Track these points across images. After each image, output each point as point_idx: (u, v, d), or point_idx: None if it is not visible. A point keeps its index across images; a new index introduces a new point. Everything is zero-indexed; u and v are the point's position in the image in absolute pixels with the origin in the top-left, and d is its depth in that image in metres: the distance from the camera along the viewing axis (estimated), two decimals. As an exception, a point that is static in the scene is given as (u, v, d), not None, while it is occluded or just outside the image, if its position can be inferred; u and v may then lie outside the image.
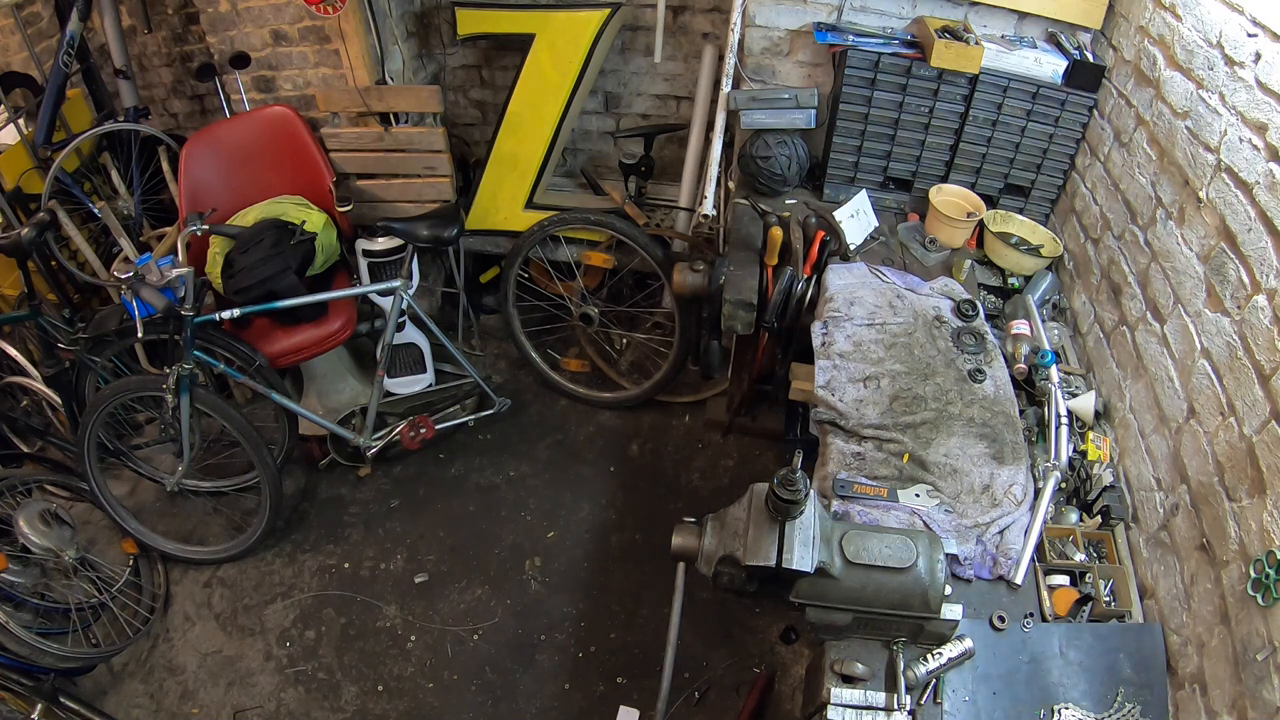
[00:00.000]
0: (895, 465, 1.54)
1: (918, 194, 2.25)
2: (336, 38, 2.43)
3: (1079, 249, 2.00)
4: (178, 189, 2.50)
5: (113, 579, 2.27)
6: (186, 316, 2.05)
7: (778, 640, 2.18)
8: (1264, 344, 1.20)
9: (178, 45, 3.17)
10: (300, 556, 2.47)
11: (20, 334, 2.55)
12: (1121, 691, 1.25)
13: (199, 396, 2.16)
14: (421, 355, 2.65)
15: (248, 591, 2.38)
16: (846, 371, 1.72)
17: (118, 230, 2.22)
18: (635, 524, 2.50)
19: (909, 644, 1.24)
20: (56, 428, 2.54)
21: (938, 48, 1.99)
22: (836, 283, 1.93)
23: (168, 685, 2.17)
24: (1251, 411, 1.20)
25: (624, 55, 2.82)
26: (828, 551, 1.11)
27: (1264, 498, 1.12)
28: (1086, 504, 1.55)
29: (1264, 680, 1.05)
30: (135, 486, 2.62)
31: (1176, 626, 1.29)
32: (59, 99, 2.69)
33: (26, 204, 2.61)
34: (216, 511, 2.58)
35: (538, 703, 2.10)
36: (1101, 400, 1.72)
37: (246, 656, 2.23)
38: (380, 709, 2.10)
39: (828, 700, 1.19)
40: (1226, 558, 1.19)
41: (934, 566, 1.12)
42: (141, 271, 1.99)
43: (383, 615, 2.31)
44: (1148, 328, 1.59)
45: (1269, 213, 1.23)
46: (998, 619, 1.32)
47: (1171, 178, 1.57)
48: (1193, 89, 1.52)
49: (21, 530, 2.06)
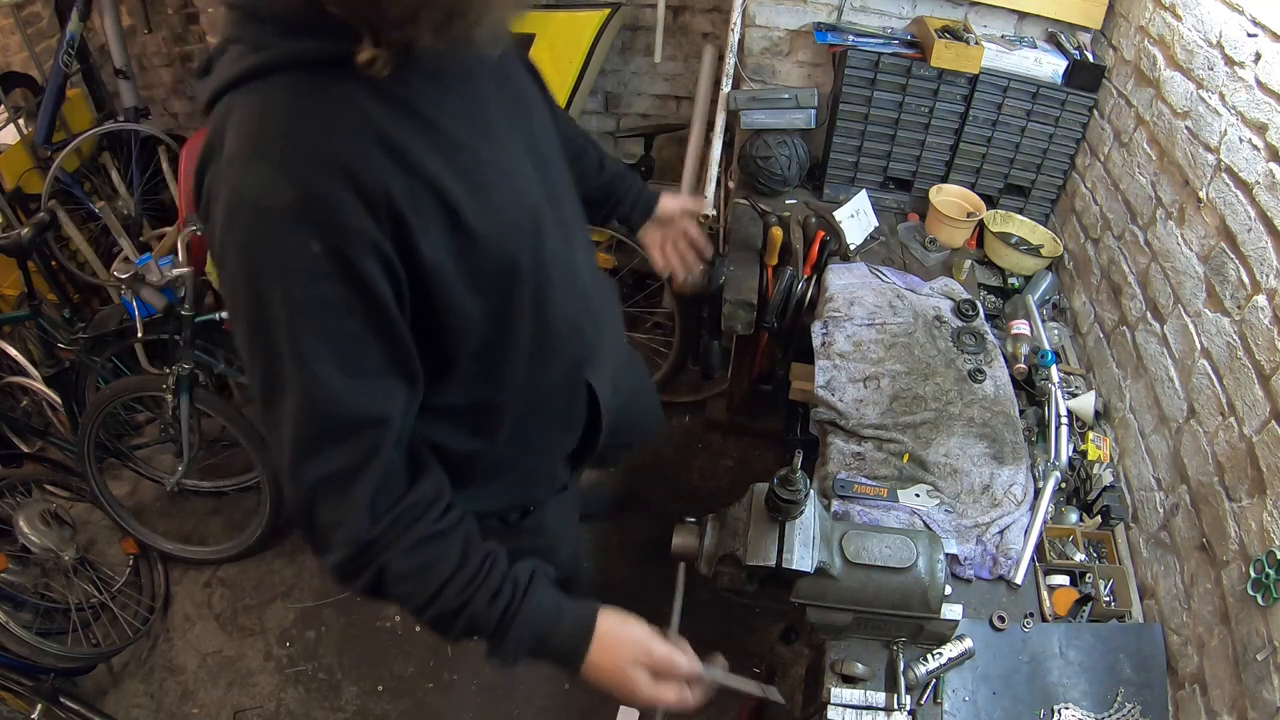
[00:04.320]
0: (895, 465, 1.54)
1: (918, 194, 2.25)
2: (336, 38, 2.43)
3: (1079, 249, 2.00)
4: (178, 189, 2.50)
5: (113, 579, 2.27)
6: (186, 316, 2.05)
7: (778, 640, 2.18)
8: (1264, 344, 1.20)
9: (178, 45, 3.18)
10: (300, 556, 2.47)
11: (20, 334, 2.54)
12: (1121, 691, 1.25)
13: (199, 396, 2.16)
14: (421, 355, 2.65)
15: (248, 591, 2.38)
16: (846, 371, 1.72)
17: (118, 230, 2.22)
18: (635, 524, 2.50)
19: (909, 644, 1.24)
20: (56, 428, 2.54)
21: (938, 48, 1.99)
22: (836, 283, 1.93)
23: (168, 685, 2.17)
24: (1251, 411, 1.20)
25: (624, 55, 2.82)
26: (828, 551, 1.11)
27: (1264, 498, 1.12)
28: (1086, 504, 1.55)
29: (1264, 680, 1.05)
30: (135, 486, 2.62)
31: (1176, 626, 1.29)
32: (59, 99, 2.69)
33: (26, 204, 2.62)
34: (216, 511, 2.58)
35: (538, 703, 2.10)
36: (1101, 400, 1.72)
37: (246, 656, 2.23)
38: (380, 709, 2.10)
39: (828, 700, 1.19)
40: (1226, 558, 1.19)
41: (934, 566, 1.12)
42: (141, 271, 1.98)
43: (383, 615, 2.31)
44: (1148, 328, 1.59)
45: (1269, 213, 1.23)
46: (998, 619, 1.32)
47: (1171, 178, 1.57)
48: (1193, 89, 1.52)
49: (21, 530, 2.06)
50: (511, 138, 0.88)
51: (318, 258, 0.70)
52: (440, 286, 0.78)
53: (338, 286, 0.71)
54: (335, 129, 0.71)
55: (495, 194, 0.82)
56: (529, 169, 0.90)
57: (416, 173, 0.74)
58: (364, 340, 0.75)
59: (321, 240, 0.69)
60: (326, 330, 0.73)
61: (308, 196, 0.69)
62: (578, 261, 1.02)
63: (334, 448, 0.77)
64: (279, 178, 0.69)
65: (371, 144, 0.71)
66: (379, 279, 0.73)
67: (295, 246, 0.70)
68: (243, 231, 0.71)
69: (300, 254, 0.70)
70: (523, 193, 0.88)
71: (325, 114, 0.71)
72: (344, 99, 0.72)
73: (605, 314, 1.15)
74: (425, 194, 0.74)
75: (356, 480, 0.78)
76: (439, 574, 0.84)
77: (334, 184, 0.69)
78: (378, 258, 0.72)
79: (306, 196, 0.69)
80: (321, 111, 0.71)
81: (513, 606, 0.87)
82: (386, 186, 0.71)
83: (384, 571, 0.82)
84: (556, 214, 0.95)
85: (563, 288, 0.96)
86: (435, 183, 0.75)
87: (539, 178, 0.92)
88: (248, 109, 0.72)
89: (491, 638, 0.87)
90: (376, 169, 0.71)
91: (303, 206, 0.69)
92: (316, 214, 0.69)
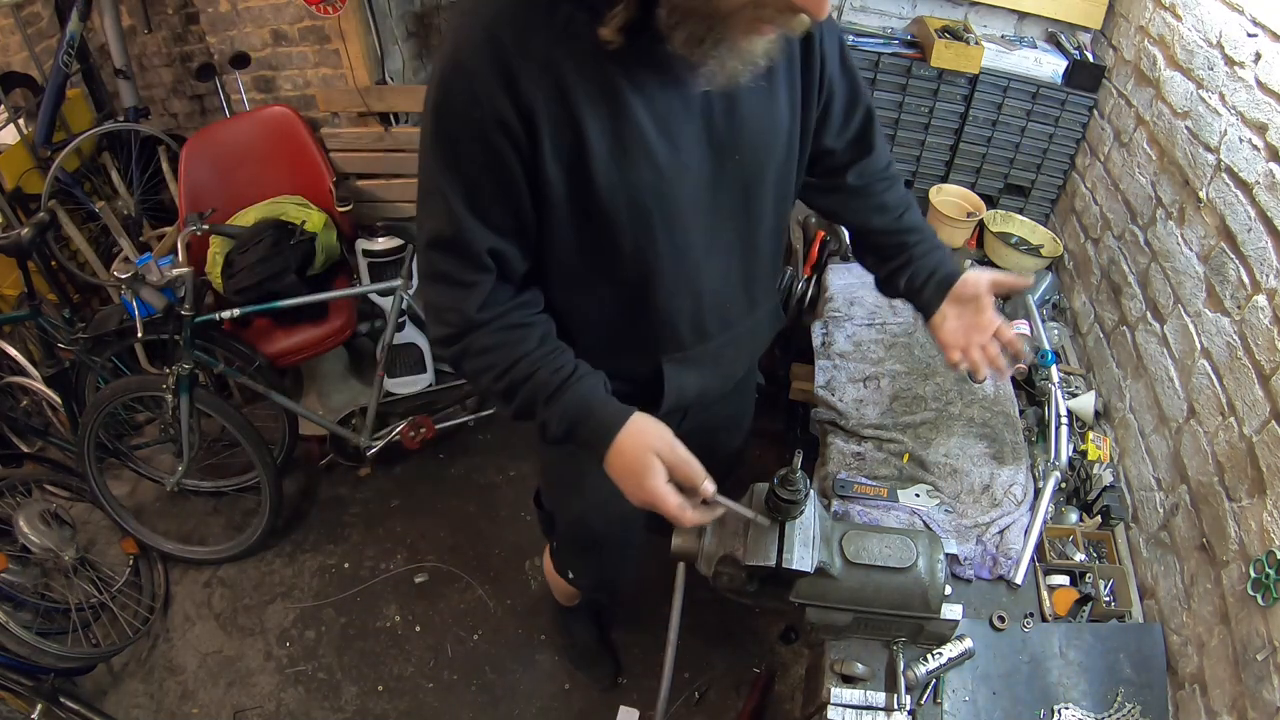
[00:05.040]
0: (895, 465, 1.54)
1: (918, 194, 2.23)
2: (336, 38, 2.43)
3: (1079, 249, 2.00)
4: (178, 189, 2.50)
5: (113, 579, 2.26)
6: (186, 316, 2.05)
7: (778, 640, 2.18)
8: (1264, 344, 1.20)
9: (178, 45, 3.17)
10: (300, 556, 2.47)
11: (20, 334, 2.54)
12: (1121, 691, 1.25)
13: (199, 396, 2.16)
14: (421, 355, 2.65)
15: (248, 591, 2.38)
16: (846, 371, 1.72)
17: (118, 230, 2.22)
18: (635, 524, 2.50)
19: (909, 644, 1.24)
20: (56, 428, 2.54)
21: (938, 48, 1.99)
22: (836, 283, 1.93)
23: (168, 685, 2.17)
24: (1251, 411, 1.20)
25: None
26: (828, 551, 1.11)
27: (1264, 498, 1.12)
28: (1086, 504, 1.55)
29: (1264, 680, 1.05)
30: (135, 486, 2.62)
31: (1176, 626, 1.29)
32: (59, 99, 2.69)
33: (26, 204, 2.61)
34: (216, 511, 2.58)
35: (538, 703, 2.10)
36: (1101, 400, 1.72)
37: (246, 656, 2.23)
38: (380, 709, 2.10)
39: (828, 700, 1.19)
40: (1226, 558, 1.19)
41: (934, 566, 1.12)
42: (141, 271, 1.98)
43: (383, 615, 2.31)
44: (1148, 328, 1.59)
45: (1269, 213, 1.23)
46: (998, 619, 1.32)
47: (1171, 178, 1.57)
48: (1193, 89, 1.52)
49: (21, 530, 2.05)
50: (694, 147, 0.96)
51: (469, 119, 0.87)
52: (548, 201, 0.93)
53: (476, 146, 0.89)
54: (529, 35, 0.84)
55: (635, 169, 0.92)
56: (694, 178, 0.98)
57: (569, 107, 0.87)
58: (491, 193, 0.92)
59: (473, 107, 0.86)
60: (464, 174, 0.91)
61: (476, 75, 0.85)
62: (704, 272, 1.07)
63: (455, 257, 0.96)
64: (465, 50, 0.86)
65: (543, 69, 0.85)
66: (509, 155, 0.89)
67: (456, 103, 0.88)
68: (432, 73, 0.91)
69: (457, 110, 0.88)
70: (666, 183, 0.95)
71: (535, 20, 0.84)
72: (565, 21, 0.84)
73: (722, 333, 1.17)
74: (566, 127, 0.88)
75: (469, 288, 0.97)
76: (520, 348, 1.00)
77: (494, 79, 0.85)
78: (509, 140, 0.88)
79: (475, 75, 0.85)
80: (534, 18, 0.84)
81: (570, 379, 1.00)
82: (532, 102, 0.85)
83: (472, 345, 1.00)
84: (710, 224, 1.03)
85: (667, 286, 1.05)
86: (579, 125, 0.88)
87: (709, 197, 1.00)
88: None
89: (546, 403, 0.99)
90: (533, 86, 0.85)
91: (468, 81, 0.86)
92: (476, 90, 0.86)
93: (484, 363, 1.00)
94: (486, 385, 1.02)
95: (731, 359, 1.24)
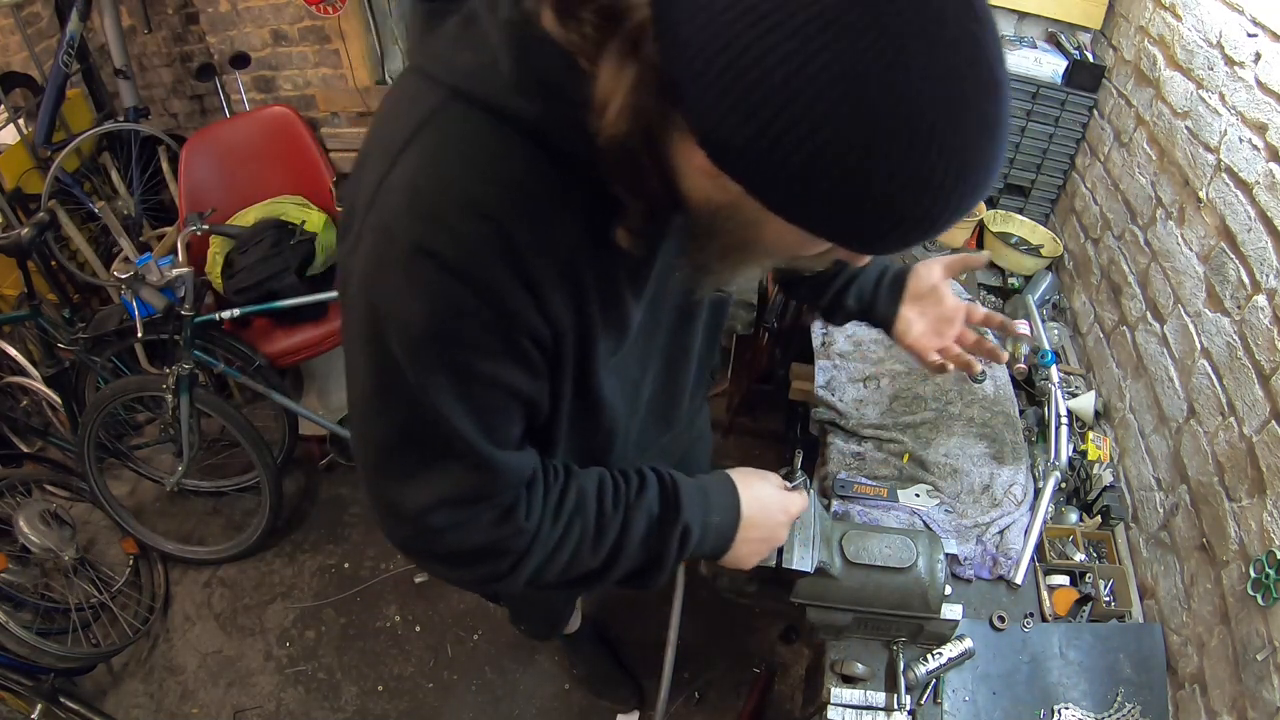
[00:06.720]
0: (895, 465, 1.55)
1: (918, 194, 2.25)
2: (336, 38, 2.44)
3: (1079, 249, 2.00)
4: (178, 189, 2.50)
5: (113, 579, 2.27)
6: (186, 316, 2.05)
7: (778, 640, 2.18)
8: (1264, 344, 1.20)
9: (178, 45, 3.17)
10: (300, 556, 2.47)
11: (20, 334, 2.54)
12: (1121, 691, 1.25)
13: (199, 396, 2.16)
14: (421, 355, 2.65)
15: (248, 591, 2.39)
16: (846, 371, 1.72)
17: (118, 230, 2.22)
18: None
19: (909, 644, 1.24)
20: (56, 428, 2.54)
21: (938, 48, 1.99)
22: (836, 283, 1.93)
23: (168, 685, 2.17)
24: (1251, 411, 1.20)
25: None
26: (828, 551, 1.11)
27: (1264, 498, 1.12)
28: (1086, 504, 1.55)
29: (1264, 680, 1.05)
30: (135, 486, 2.62)
31: (1176, 626, 1.29)
32: (59, 99, 2.69)
33: (26, 204, 2.61)
34: (216, 511, 2.58)
35: (538, 703, 2.10)
36: (1101, 400, 1.72)
37: (246, 656, 2.23)
38: (380, 709, 2.10)
39: (828, 700, 1.19)
40: (1226, 558, 1.19)
41: (934, 566, 1.12)
42: (141, 271, 1.98)
43: (383, 615, 2.31)
44: (1148, 328, 1.59)
45: (1269, 213, 1.23)
46: (998, 619, 1.32)
47: (1171, 178, 1.57)
48: (1193, 89, 1.52)
49: (21, 530, 2.05)
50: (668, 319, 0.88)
51: (489, 342, 0.69)
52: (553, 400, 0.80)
53: (503, 368, 0.71)
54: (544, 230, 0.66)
55: (624, 355, 0.82)
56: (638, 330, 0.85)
57: (586, 316, 0.72)
58: (516, 415, 0.77)
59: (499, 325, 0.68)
60: (478, 404, 0.72)
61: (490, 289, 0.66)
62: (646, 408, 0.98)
63: (484, 504, 0.77)
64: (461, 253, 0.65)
65: (562, 274, 0.68)
66: (542, 372, 0.74)
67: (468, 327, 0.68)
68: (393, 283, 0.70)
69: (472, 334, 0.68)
70: (640, 356, 0.88)
71: (547, 210, 0.65)
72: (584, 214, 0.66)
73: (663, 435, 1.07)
74: (583, 336, 0.74)
75: (510, 510, 0.79)
76: (590, 506, 0.83)
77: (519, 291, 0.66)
78: (543, 356, 0.72)
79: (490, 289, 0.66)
80: (544, 208, 0.65)
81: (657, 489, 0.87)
82: (560, 316, 0.70)
83: (537, 547, 0.81)
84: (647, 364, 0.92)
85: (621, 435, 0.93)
86: (592, 330, 0.74)
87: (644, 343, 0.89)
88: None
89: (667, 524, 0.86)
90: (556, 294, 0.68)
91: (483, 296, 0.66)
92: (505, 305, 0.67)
93: (565, 553, 0.83)
94: (583, 570, 0.85)
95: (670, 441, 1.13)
